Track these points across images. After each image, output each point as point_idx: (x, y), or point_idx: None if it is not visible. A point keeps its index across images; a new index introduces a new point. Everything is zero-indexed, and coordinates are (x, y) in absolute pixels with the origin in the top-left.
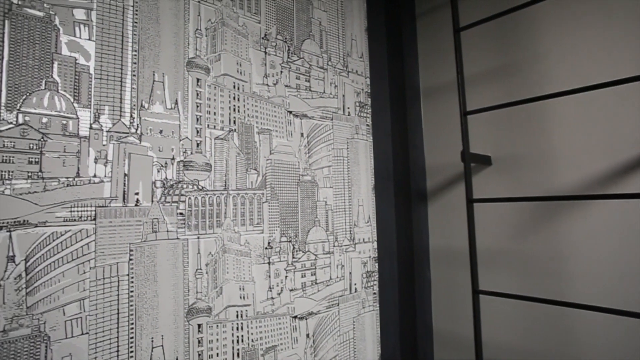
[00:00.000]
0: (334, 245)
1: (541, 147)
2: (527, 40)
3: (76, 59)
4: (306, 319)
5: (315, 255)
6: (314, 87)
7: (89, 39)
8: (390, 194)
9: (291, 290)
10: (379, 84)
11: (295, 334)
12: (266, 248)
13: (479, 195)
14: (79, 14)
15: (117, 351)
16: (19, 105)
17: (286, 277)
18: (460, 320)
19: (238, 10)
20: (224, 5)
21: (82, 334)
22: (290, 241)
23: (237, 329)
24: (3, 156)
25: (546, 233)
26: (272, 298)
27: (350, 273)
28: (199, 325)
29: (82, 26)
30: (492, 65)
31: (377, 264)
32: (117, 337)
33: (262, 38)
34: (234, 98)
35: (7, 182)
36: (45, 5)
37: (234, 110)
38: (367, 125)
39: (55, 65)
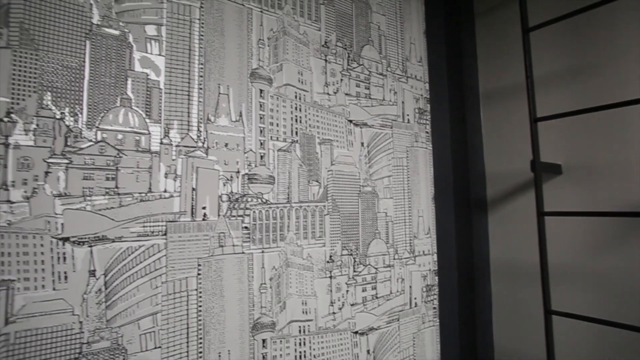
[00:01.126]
0: (394, 258)
1: (618, 156)
2: (603, 40)
3: (147, 75)
4: (367, 335)
5: (376, 268)
6: (373, 94)
7: (159, 54)
8: (450, 204)
9: (352, 304)
10: (438, 89)
11: (356, 350)
12: (328, 262)
13: (548, 206)
14: (151, 30)
15: None
16: (97, 122)
17: (347, 291)
18: (526, 340)
19: (299, 18)
20: (285, 14)
21: (155, 347)
22: (351, 254)
23: (300, 344)
24: (85, 173)
25: (625, 250)
26: (334, 313)
27: (410, 287)
28: (264, 341)
29: (153, 42)
30: (562, 67)
31: (437, 278)
32: (187, 352)
33: (323, 45)
34: (296, 108)
35: (88, 198)
36: (120, 23)
37: (296, 120)
38: (427, 132)
39: (129, 81)
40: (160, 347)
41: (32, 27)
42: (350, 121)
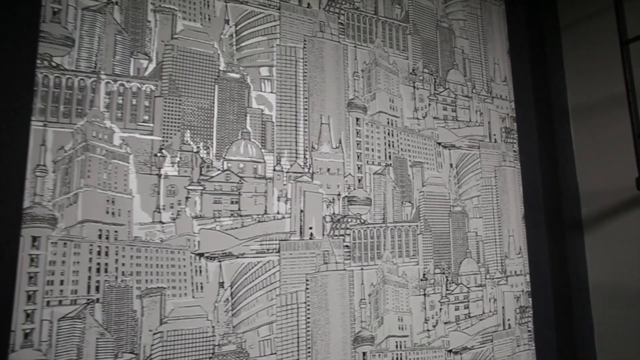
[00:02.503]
0: (485, 278)
1: None
2: None
3: (262, 110)
4: (461, 354)
5: (468, 287)
6: (460, 116)
7: (271, 92)
8: (542, 224)
9: (445, 323)
10: (524, 107)
11: None
12: (421, 280)
13: None
14: (264, 71)
15: None
16: (224, 154)
17: (440, 309)
18: None
19: (388, 49)
20: (376, 47)
21: (272, 353)
22: (443, 273)
23: (397, 359)
24: (215, 198)
25: None
26: (428, 330)
27: (503, 307)
28: (364, 354)
29: (266, 82)
30: None
31: (530, 299)
32: (298, 358)
33: (411, 73)
34: (389, 134)
35: (217, 220)
36: (240, 68)
37: (389, 145)
38: (514, 151)
39: (248, 117)
40: (275, 353)
41: (177, 78)
42: (439, 143)
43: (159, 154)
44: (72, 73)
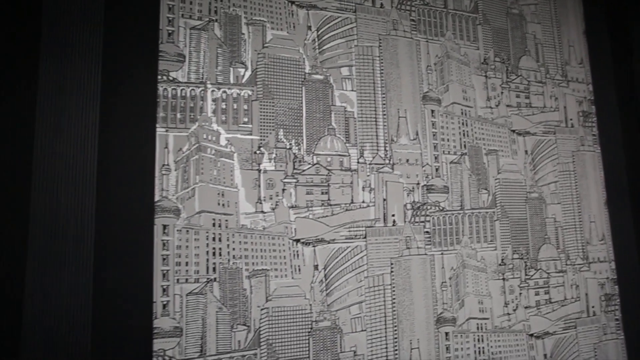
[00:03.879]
0: (566, 264)
1: None
2: None
3: (345, 108)
4: (542, 339)
5: (548, 273)
6: (533, 102)
7: (352, 90)
8: (627, 209)
9: (526, 307)
10: (603, 89)
11: (533, 353)
12: (500, 264)
13: None
14: (345, 71)
15: (386, 348)
16: (313, 149)
17: (520, 293)
18: None
19: (459, 41)
20: (447, 40)
21: (362, 330)
22: (522, 258)
23: (478, 340)
24: (307, 189)
25: None
26: (508, 314)
27: (586, 294)
28: (446, 334)
29: (347, 81)
30: None
31: (617, 287)
32: (385, 337)
33: (482, 63)
34: (463, 124)
35: (310, 209)
36: (324, 69)
37: (464, 135)
38: (593, 135)
39: (332, 115)
40: (365, 330)
41: (270, 83)
42: (513, 131)
43: (258, 152)
44: (184, 85)
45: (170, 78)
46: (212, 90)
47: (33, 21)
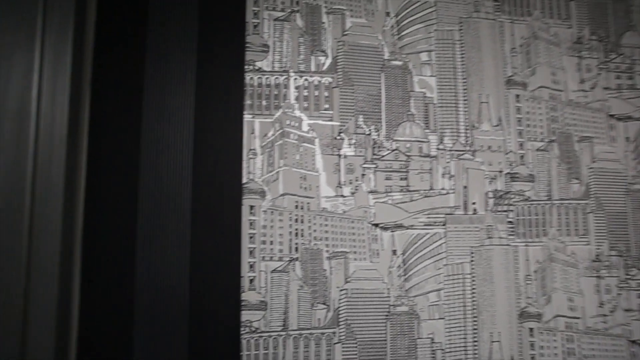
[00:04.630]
0: None
1: None
2: None
3: (424, 94)
4: None
5: None
6: (638, 83)
7: (431, 75)
8: None
9: (626, 310)
10: None
11: None
12: (594, 261)
13: None
14: (424, 57)
15: (464, 338)
16: (392, 135)
17: (619, 294)
18: None
19: (548, 20)
20: (534, 19)
21: (440, 318)
22: (621, 255)
23: (567, 340)
24: (386, 175)
25: None
26: (604, 315)
27: None
28: (530, 329)
29: (426, 66)
30: None
31: None
32: (464, 327)
33: (575, 42)
34: (551, 109)
35: (389, 194)
36: (402, 55)
37: (552, 120)
38: None
39: (412, 101)
40: (443, 318)
41: (350, 70)
42: (612, 116)
43: (338, 137)
44: (269, 73)
45: (256, 67)
46: (295, 78)
47: (140, 20)
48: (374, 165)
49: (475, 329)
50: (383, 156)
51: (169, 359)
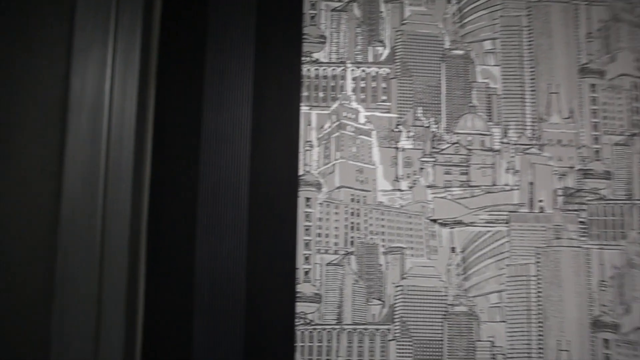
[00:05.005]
0: None
1: None
2: None
3: (487, 84)
4: None
5: None
6: None
7: (495, 65)
8: None
9: None
10: None
11: None
12: None
13: None
14: (487, 45)
15: (528, 344)
16: (452, 128)
17: None
18: None
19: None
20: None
21: (501, 321)
22: None
23: None
24: (445, 169)
25: None
26: None
27: None
28: (606, 341)
29: (489, 55)
30: None
31: None
32: (529, 332)
33: None
34: (634, 99)
35: (448, 189)
36: (464, 44)
37: (635, 112)
38: None
39: (474, 92)
40: (505, 321)
41: (408, 60)
42: None
43: (395, 130)
44: (326, 65)
45: (313, 59)
46: (352, 70)
47: (201, 16)
48: (432, 159)
49: (540, 335)
50: (443, 149)
51: (227, 348)
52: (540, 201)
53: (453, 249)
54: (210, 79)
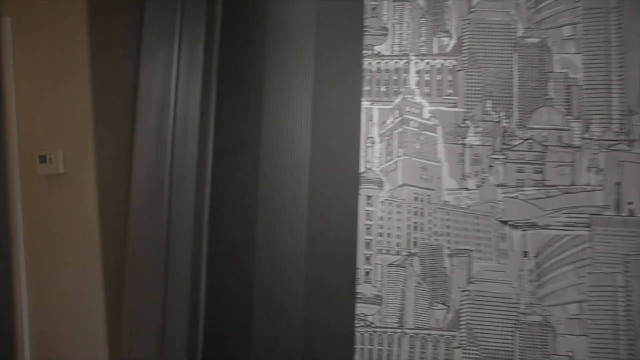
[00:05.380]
0: None
1: None
2: None
3: (566, 74)
4: None
5: None
6: None
7: (576, 53)
8: None
9: None
10: None
11: None
12: None
13: None
14: (567, 31)
15: None
16: (525, 122)
17: None
18: None
19: None
20: None
21: (582, 335)
22: None
23: None
24: (517, 167)
25: None
26: None
27: None
28: None
29: (569, 42)
30: None
31: None
32: (616, 349)
33: None
34: None
35: (521, 189)
36: (540, 31)
37: None
38: None
39: (550, 83)
40: (586, 335)
41: (476, 51)
42: None
43: (462, 125)
44: (388, 58)
45: (375, 52)
46: (415, 62)
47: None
48: (503, 156)
49: (631, 355)
50: (514, 146)
51: (285, 347)
52: (630, 203)
53: (525, 253)
54: (270, 75)
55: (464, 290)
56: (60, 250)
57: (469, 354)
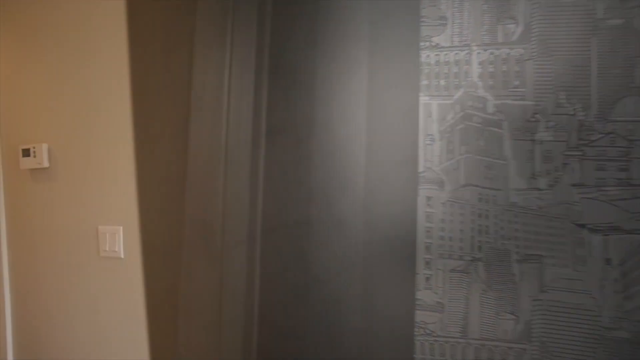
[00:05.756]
0: None
1: None
2: None
3: None
4: None
5: None
6: None
7: None
8: None
9: None
10: None
11: None
12: None
13: None
14: None
15: None
16: (607, 114)
17: None
18: None
19: None
20: None
21: None
22: None
23: None
24: (597, 164)
25: None
26: None
27: None
28: None
29: None
30: None
31: None
32: None
33: None
34: None
35: (602, 189)
36: (625, 10)
37: None
38: None
39: (637, 70)
40: None
41: (548, 37)
42: None
43: (532, 119)
44: (447, 49)
45: (433, 43)
46: (478, 52)
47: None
48: (580, 153)
49: None
50: (593, 141)
51: (342, 354)
52: None
53: (608, 261)
54: (322, 70)
55: (535, 300)
56: (42, 245)
57: None
